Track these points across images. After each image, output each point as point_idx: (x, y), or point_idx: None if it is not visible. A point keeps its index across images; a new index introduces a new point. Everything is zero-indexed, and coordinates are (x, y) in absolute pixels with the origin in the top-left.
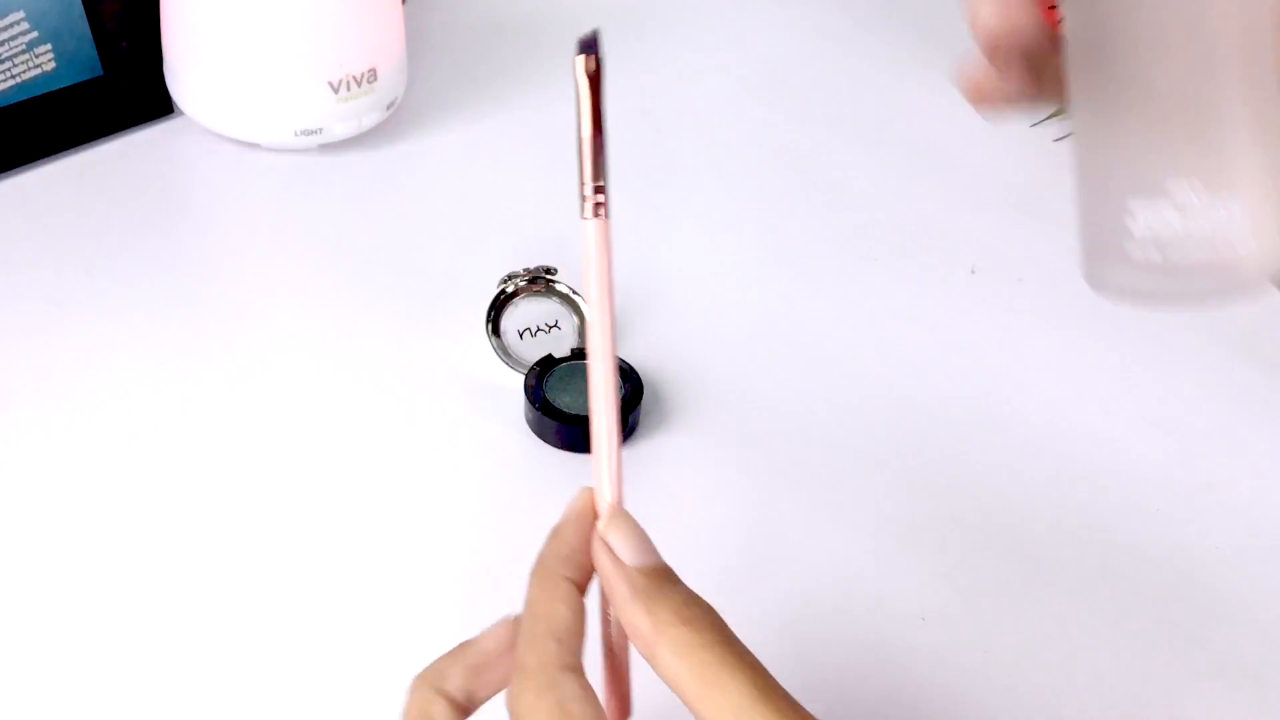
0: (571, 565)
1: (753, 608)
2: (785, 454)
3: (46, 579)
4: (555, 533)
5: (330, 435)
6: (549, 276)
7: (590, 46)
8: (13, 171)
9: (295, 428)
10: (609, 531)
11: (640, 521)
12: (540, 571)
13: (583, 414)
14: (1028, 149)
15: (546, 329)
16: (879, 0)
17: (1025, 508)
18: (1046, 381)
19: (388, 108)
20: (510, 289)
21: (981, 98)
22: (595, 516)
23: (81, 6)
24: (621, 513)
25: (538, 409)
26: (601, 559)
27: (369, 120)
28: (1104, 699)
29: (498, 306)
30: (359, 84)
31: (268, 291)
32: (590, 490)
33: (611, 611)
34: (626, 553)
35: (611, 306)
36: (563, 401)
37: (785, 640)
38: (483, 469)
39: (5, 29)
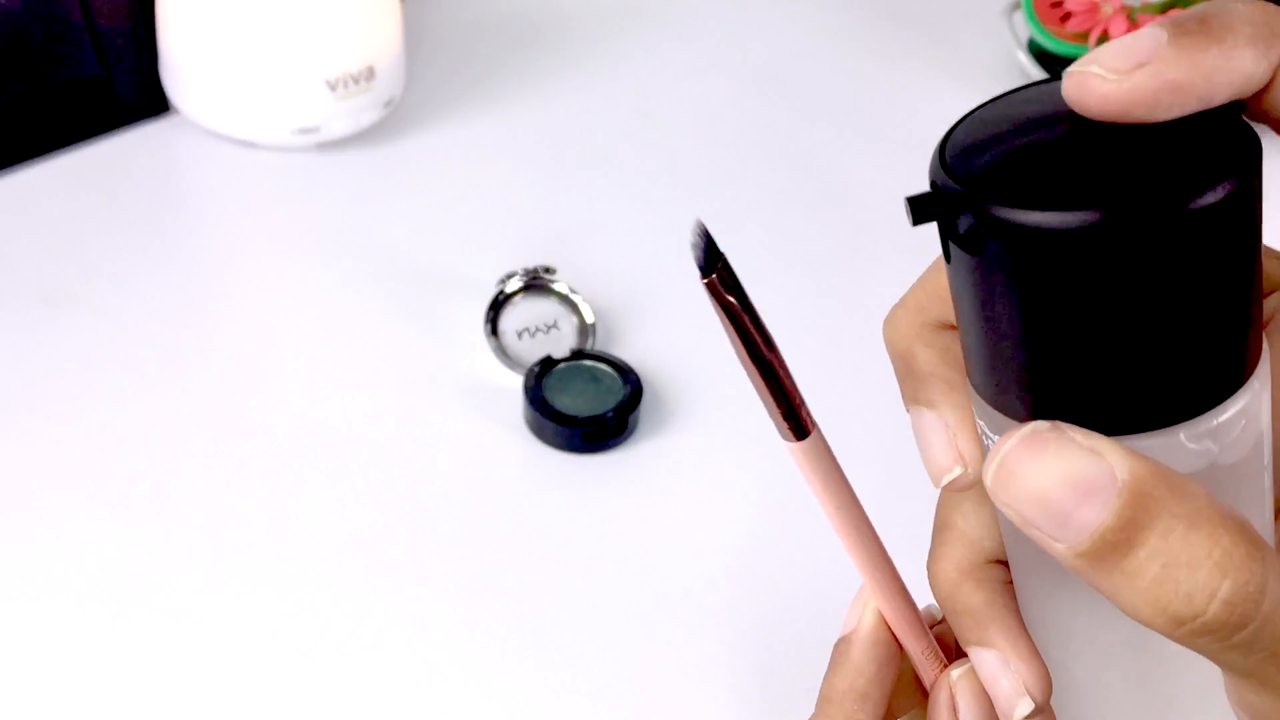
0: (870, 703)
1: (753, 608)
2: (786, 454)
3: (39, 582)
4: (846, 661)
5: (327, 436)
6: (548, 276)
7: (709, 259)
8: (8, 170)
9: (292, 428)
10: (961, 690)
11: (639, 523)
12: (831, 711)
13: (581, 415)
14: None
15: (545, 329)
16: None
17: None
18: None
19: (385, 106)
20: (509, 289)
21: None
22: (892, 639)
23: (77, 3)
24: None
25: (536, 410)
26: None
27: (367, 119)
28: None
29: (496, 307)
30: (356, 82)
31: (264, 291)
32: (870, 606)
33: None
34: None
35: (859, 523)
36: (561, 402)
37: (786, 640)
38: (481, 470)
39: None
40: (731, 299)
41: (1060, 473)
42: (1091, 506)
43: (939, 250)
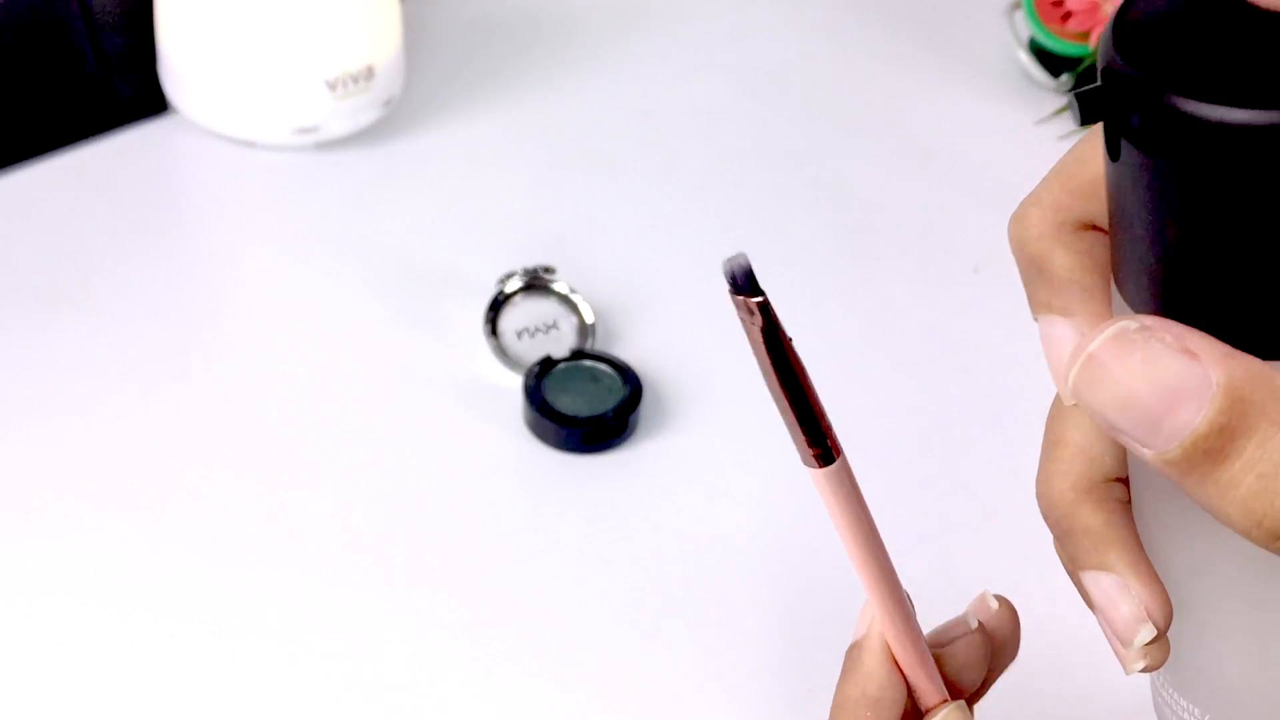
0: (883, 708)
1: (753, 609)
2: (786, 455)
3: (38, 582)
4: (857, 667)
5: (326, 436)
6: (547, 276)
7: (742, 278)
8: (6, 170)
9: (291, 428)
10: None
11: (639, 523)
12: (843, 718)
13: (581, 415)
14: (1032, 147)
15: (545, 329)
16: None
17: (1028, 509)
18: (1049, 382)
19: (385, 105)
20: (508, 289)
21: None
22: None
23: (76, 2)
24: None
25: (536, 410)
26: None
27: (366, 118)
28: (1112, 703)
29: (496, 307)
30: (356, 82)
31: (263, 291)
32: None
33: None
34: None
35: (875, 549)
36: (561, 403)
37: (786, 641)
38: (480, 470)
39: None
40: (762, 318)
41: (1150, 375)
42: (1183, 411)
43: (942, 258)
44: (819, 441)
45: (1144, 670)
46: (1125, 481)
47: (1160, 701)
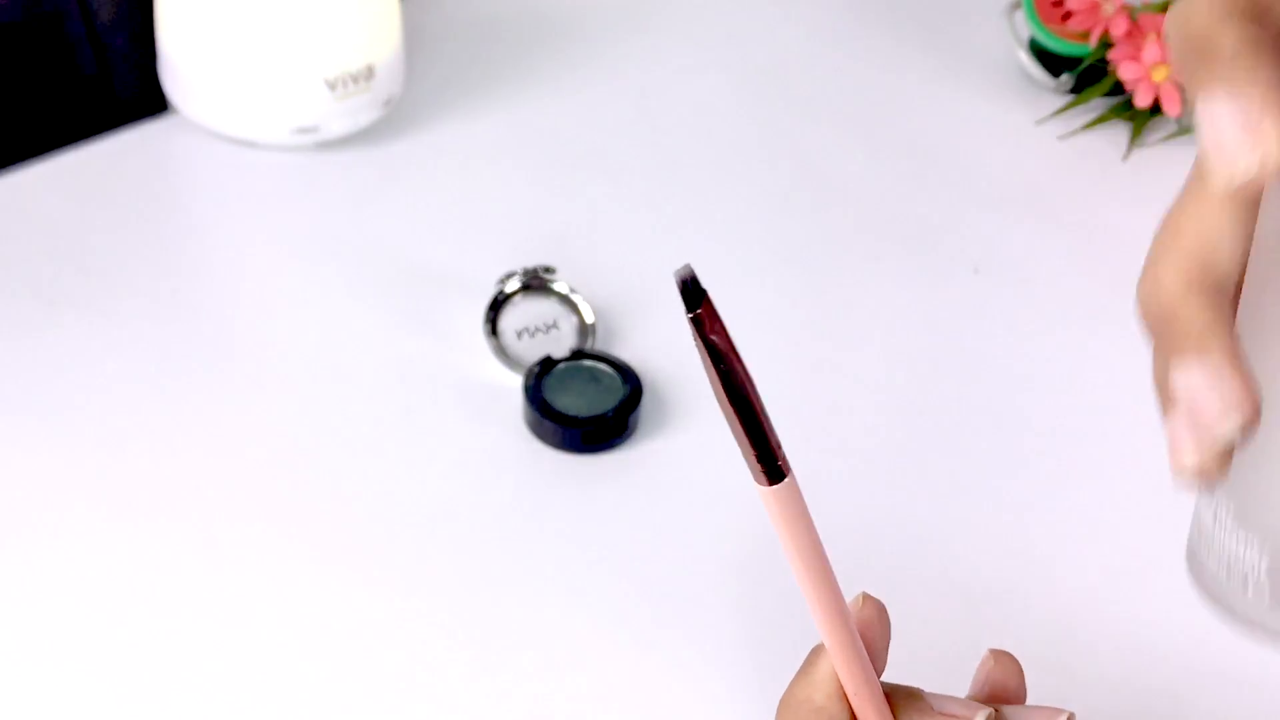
0: (826, 716)
1: (753, 608)
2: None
3: (37, 582)
4: (813, 672)
5: (326, 436)
6: (547, 276)
7: (693, 295)
8: (6, 170)
9: (291, 428)
10: None
11: (639, 523)
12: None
13: (581, 415)
14: (1032, 147)
15: (545, 329)
16: None
17: (1029, 510)
18: (1050, 382)
19: (385, 105)
20: (508, 289)
21: None
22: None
23: (76, 2)
24: None
25: (536, 410)
26: None
27: (366, 118)
28: (1111, 702)
29: (496, 307)
30: (356, 81)
31: (263, 291)
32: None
33: None
34: None
35: (824, 570)
36: (561, 403)
37: (786, 641)
38: (480, 470)
39: None
40: (714, 337)
41: None
42: None
43: (942, 258)
44: (767, 459)
45: (1198, 478)
46: (1233, 296)
47: (1202, 546)
